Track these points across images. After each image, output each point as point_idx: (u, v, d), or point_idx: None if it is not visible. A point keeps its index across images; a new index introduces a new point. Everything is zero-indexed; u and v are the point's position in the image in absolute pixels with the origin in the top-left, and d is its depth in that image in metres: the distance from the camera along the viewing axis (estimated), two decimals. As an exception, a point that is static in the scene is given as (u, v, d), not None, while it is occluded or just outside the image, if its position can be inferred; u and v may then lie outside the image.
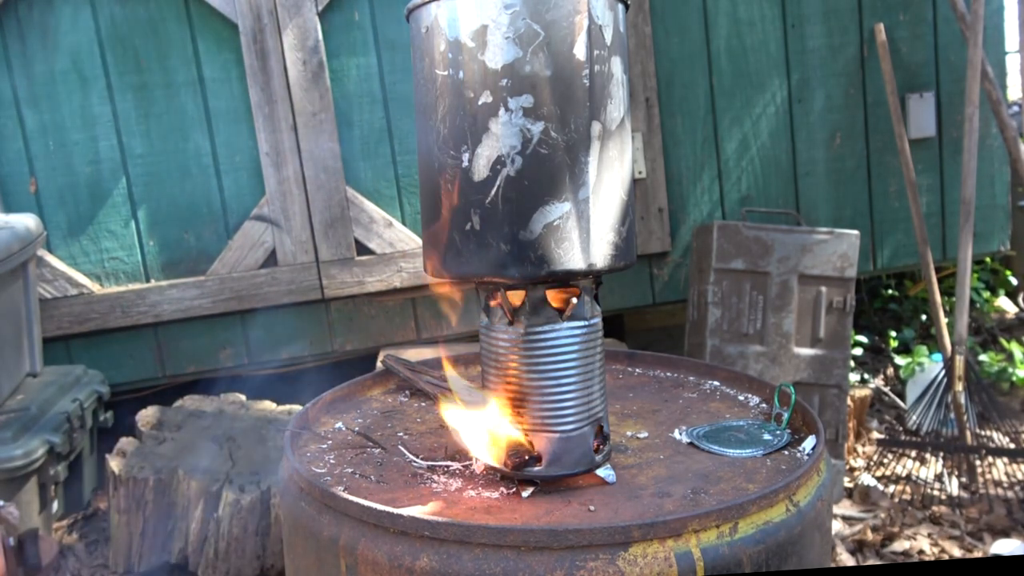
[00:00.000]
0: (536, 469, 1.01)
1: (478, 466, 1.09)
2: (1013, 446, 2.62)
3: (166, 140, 2.77)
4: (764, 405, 1.29)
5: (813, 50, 3.04)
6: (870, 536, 2.39)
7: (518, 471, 1.01)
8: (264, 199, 2.80)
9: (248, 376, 2.96)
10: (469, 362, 1.50)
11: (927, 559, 2.27)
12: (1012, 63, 3.70)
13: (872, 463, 2.74)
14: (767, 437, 1.15)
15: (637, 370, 1.51)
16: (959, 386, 2.66)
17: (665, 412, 1.28)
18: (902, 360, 3.33)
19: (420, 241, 2.79)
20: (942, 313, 2.87)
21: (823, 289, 2.62)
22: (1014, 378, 3.25)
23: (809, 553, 0.96)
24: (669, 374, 1.47)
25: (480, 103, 0.94)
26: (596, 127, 0.97)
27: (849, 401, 2.83)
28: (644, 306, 3.12)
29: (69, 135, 2.72)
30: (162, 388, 2.90)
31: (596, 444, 1.04)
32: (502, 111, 0.94)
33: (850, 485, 2.68)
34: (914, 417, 2.82)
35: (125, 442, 2.33)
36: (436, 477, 1.08)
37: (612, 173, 0.99)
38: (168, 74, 2.74)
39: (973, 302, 3.78)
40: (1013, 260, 3.98)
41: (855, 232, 2.64)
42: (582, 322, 1.02)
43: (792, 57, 3.04)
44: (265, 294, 2.80)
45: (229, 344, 2.86)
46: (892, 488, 2.64)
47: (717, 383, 1.40)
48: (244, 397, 2.66)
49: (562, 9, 0.94)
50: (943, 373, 2.72)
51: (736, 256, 2.62)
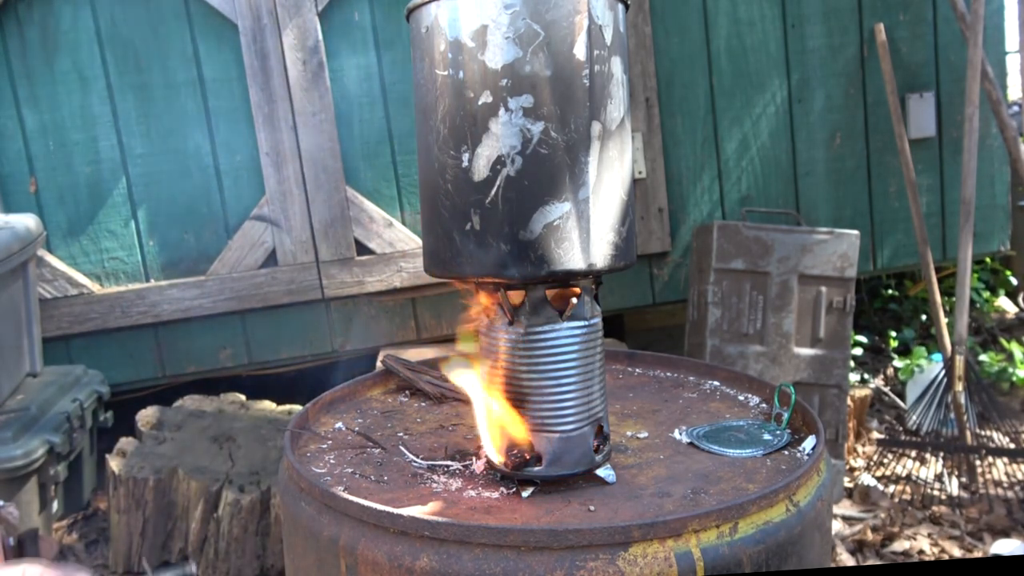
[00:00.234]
0: (536, 469, 1.01)
1: (478, 466, 1.09)
2: (1013, 446, 2.62)
3: (166, 140, 2.77)
4: (764, 405, 1.29)
5: (813, 50, 3.04)
6: (870, 536, 2.39)
7: (518, 471, 1.01)
8: (264, 199, 2.80)
9: (248, 376, 2.96)
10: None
11: (927, 559, 2.27)
12: (1012, 63, 3.70)
13: (872, 463, 2.74)
14: (767, 437, 1.15)
15: (637, 370, 1.51)
16: (959, 386, 2.66)
17: (665, 412, 1.28)
18: (900, 363, 3.33)
19: (420, 241, 2.78)
20: (942, 313, 2.87)
21: (823, 289, 2.62)
22: (1014, 378, 3.25)
23: (809, 553, 0.96)
24: (669, 374, 1.47)
25: (480, 103, 0.94)
26: (596, 127, 0.97)
27: (849, 401, 2.83)
28: (644, 306, 3.12)
29: (69, 135, 2.72)
30: (162, 388, 2.90)
31: (596, 444, 1.04)
32: (502, 111, 0.94)
33: (850, 485, 2.68)
34: (914, 417, 2.82)
35: (125, 442, 2.33)
36: (436, 477, 1.08)
37: (612, 173, 0.99)
38: (168, 74, 2.74)
39: (973, 302, 3.78)
40: (1013, 260, 3.98)
41: (855, 232, 2.64)
42: (582, 322, 1.02)
43: (792, 57, 3.04)
44: (265, 294, 2.80)
45: (229, 344, 2.86)
46: (892, 488, 2.64)
47: (717, 383, 1.40)
48: (244, 397, 2.66)
49: (562, 9, 0.93)
50: (943, 373, 2.72)
51: (736, 256, 2.62)
